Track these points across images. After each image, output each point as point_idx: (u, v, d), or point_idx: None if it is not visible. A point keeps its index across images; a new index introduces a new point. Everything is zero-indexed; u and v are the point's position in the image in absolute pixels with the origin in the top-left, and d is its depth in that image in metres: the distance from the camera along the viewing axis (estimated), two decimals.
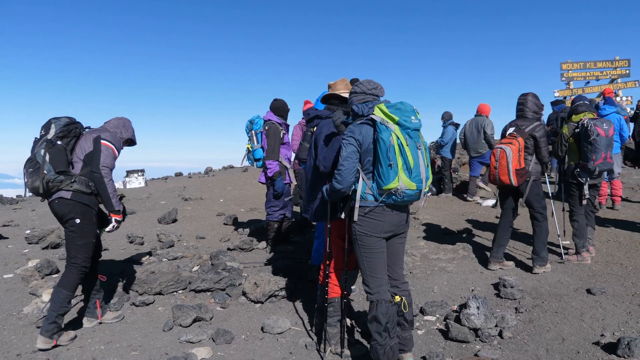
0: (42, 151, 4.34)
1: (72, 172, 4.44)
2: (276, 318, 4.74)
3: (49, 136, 4.40)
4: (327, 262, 4.18)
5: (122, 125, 4.84)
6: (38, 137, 4.44)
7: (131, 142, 4.99)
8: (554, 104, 11.85)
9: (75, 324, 4.82)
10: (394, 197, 3.49)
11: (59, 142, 4.40)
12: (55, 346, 4.33)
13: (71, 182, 4.38)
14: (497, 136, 11.63)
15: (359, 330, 4.59)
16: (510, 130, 6.10)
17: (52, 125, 4.43)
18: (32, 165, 4.34)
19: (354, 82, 5.04)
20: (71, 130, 4.48)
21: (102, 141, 4.47)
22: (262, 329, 4.69)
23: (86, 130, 4.64)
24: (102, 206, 4.62)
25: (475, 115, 10.93)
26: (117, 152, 4.59)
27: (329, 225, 4.09)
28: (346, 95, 4.37)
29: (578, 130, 6.37)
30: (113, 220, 4.63)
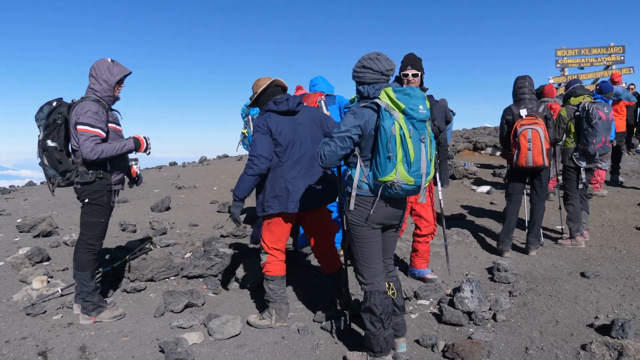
0: (41, 154, 4.37)
1: (75, 165, 4.39)
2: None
3: (40, 136, 4.35)
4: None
5: (98, 78, 4.40)
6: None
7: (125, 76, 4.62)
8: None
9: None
10: (389, 190, 3.30)
11: (49, 143, 4.32)
12: (95, 322, 4.52)
13: (75, 177, 4.37)
14: (492, 123, 11.59)
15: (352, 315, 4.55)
16: (524, 112, 5.94)
17: (38, 123, 4.36)
18: (42, 169, 4.43)
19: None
20: (55, 120, 4.33)
21: (78, 127, 4.24)
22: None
23: (71, 107, 4.38)
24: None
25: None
26: (97, 130, 4.24)
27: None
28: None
29: (578, 113, 6.30)
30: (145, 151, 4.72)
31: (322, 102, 6.12)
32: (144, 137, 4.63)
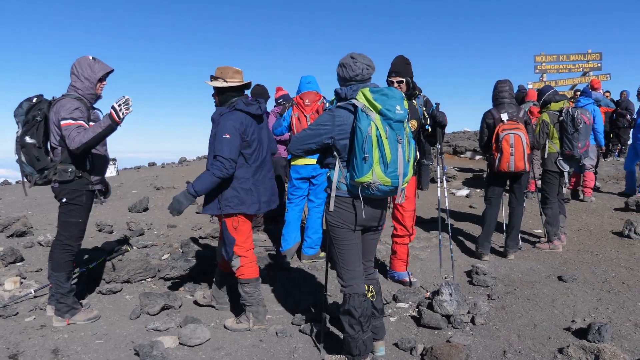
0: (18, 151, 4.25)
1: (54, 162, 4.27)
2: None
3: (18, 133, 4.25)
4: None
5: (79, 76, 4.30)
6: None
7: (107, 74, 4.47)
8: None
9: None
10: (367, 190, 3.30)
11: (27, 139, 4.22)
12: (69, 324, 4.41)
13: (53, 175, 4.25)
14: (472, 127, 11.65)
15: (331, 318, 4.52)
16: (505, 116, 5.95)
17: (17, 120, 4.26)
18: (19, 166, 4.32)
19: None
20: (34, 116, 4.23)
21: (62, 123, 4.13)
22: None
23: (52, 104, 4.28)
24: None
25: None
26: (80, 122, 4.14)
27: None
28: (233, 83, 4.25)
29: (562, 118, 6.38)
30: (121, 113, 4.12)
31: (327, 102, 6.10)
32: (112, 107, 4.12)
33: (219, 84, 4.26)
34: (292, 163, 6.17)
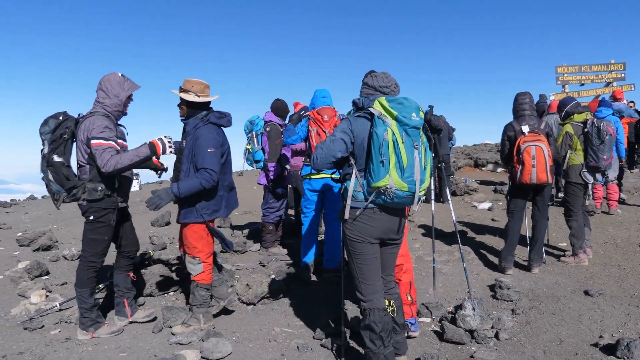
0: (45, 169, 4.27)
1: (82, 181, 4.31)
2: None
3: (45, 151, 4.26)
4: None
5: (108, 93, 4.35)
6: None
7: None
8: None
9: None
10: (383, 196, 3.29)
11: (55, 158, 4.23)
12: (93, 338, 4.46)
13: (82, 193, 4.29)
14: (493, 139, 11.50)
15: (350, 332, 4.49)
16: (526, 128, 5.89)
17: (43, 137, 4.26)
18: (45, 184, 4.36)
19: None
20: (62, 134, 4.26)
21: (92, 142, 4.19)
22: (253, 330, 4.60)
23: (80, 121, 4.34)
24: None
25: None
26: (111, 142, 4.24)
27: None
28: (197, 99, 4.40)
29: (587, 129, 6.32)
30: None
31: (343, 117, 6.10)
32: (159, 139, 4.47)
33: (192, 97, 4.39)
34: (304, 176, 6.16)
